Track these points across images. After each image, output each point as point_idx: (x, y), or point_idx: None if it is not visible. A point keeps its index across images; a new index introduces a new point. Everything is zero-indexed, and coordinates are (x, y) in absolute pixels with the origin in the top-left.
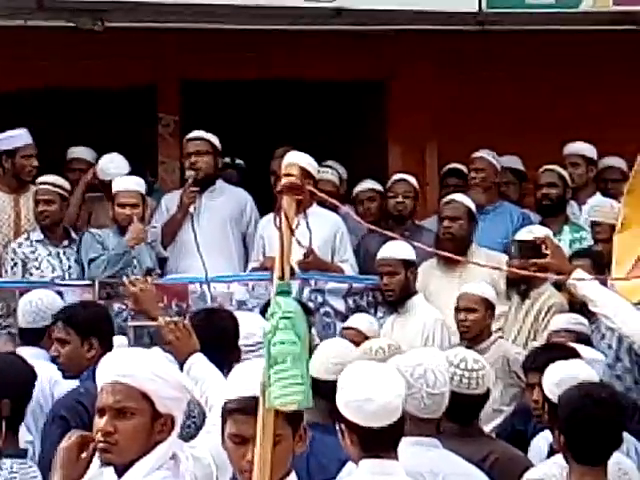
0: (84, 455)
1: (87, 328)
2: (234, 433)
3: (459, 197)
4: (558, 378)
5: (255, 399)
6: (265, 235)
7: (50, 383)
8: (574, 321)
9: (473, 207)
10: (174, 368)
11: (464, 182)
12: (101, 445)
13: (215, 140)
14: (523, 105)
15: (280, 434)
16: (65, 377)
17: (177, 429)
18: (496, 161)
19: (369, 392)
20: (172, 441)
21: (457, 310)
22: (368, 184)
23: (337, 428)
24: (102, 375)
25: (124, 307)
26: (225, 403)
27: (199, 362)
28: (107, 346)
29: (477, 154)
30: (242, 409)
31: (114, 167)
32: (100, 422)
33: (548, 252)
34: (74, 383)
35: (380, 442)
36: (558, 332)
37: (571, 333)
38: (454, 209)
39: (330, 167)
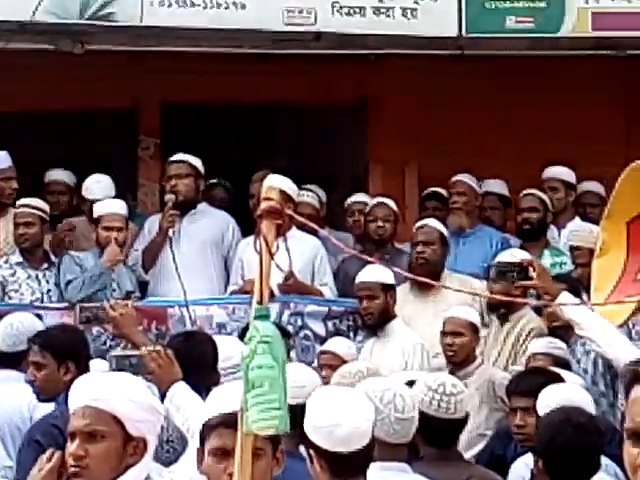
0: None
1: (63, 352)
2: (216, 446)
3: (432, 222)
4: (555, 402)
5: (236, 414)
6: (244, 258)
7: (29, 407)
8: (552, 345)
9: (446, 232)
10: (146, 391)
11: (443, 205)
12: (72, 469)
13: (197, 163)
14: (503, 129)
15: (261, 448)
16: (40, 400)
17: (150, 452)
18: (476, 184)
19: (338, 417)
20: (144, 464)
21: (443, 334)
22: (359, 197)
23: (305, 454)
24: (74, 399)
25: (103, 331)
26: (206, 422)
27: (181, 391)
28: (84, 370)
29: (457, 177)
30: (224, 422)
31: (100, 188)
32: (71, 446)
33: (534, 274)
34: (52, 407)
35: (349, 467)
36: (537, 355)
37: (550, 357)
38: (427, 234)
39: (310, 190)
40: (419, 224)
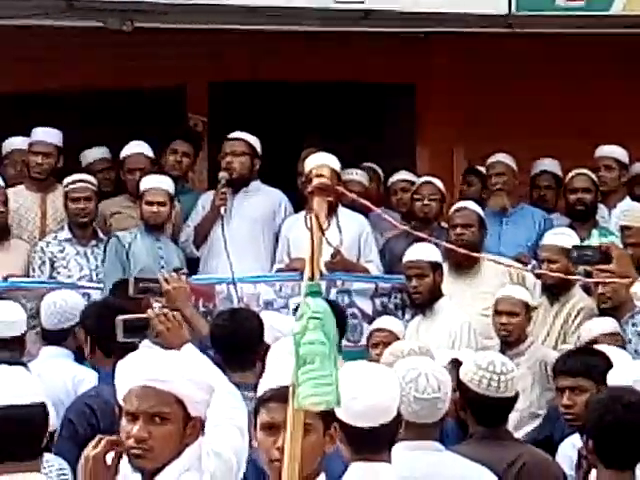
0: (110, 461)
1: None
2: (265, 421)
3: (470, 204)
4: (632, 380)
5: (287, 388)
6: (290, 236)
7: (73, 381)
8: (615, 325)
9: (482, 214)
10: (201, 369)
11: (482, 183)
12: (135, 451)
13: (255, 142)
14: (553, 107)
15: (310, 423)
16: None
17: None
18: (513, 163)
19: (357, 391)
20: (199, 442)
21: (497, 313)
22: (402, 175)
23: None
24: (129, 377)
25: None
26: (258, 398)
27: (191, 352)
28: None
29: (495, 158)
30: (274, 397)
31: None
32: (133, 428)
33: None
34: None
35: (369, 443)
36: (606, 335)
37: (616, 336)
38: (465, 216)
39: (361, 168)
40: (456, 206)
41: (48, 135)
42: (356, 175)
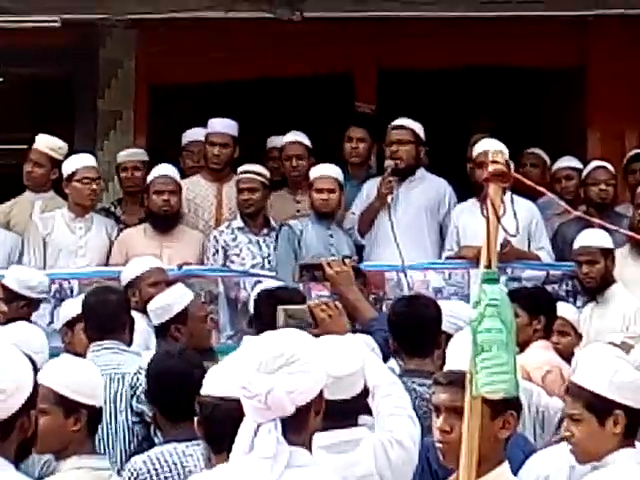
0: None
1: None
2: (433, 402)
3: None
4: None
5: (451, 371)
6: (459, 224)
7: None
8: None
9: None
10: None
11: None
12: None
13: (418, 129)
14: None
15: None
16: None
17: None
18: None
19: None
20: None
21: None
22: (566, 162)
23: None
24: None
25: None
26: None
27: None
28: None
29: None
30: (437, 380)
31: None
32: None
33: None
34: None
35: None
36: None
37: None
38: None
39: (532, 154)
40: None
41: (225, 126)
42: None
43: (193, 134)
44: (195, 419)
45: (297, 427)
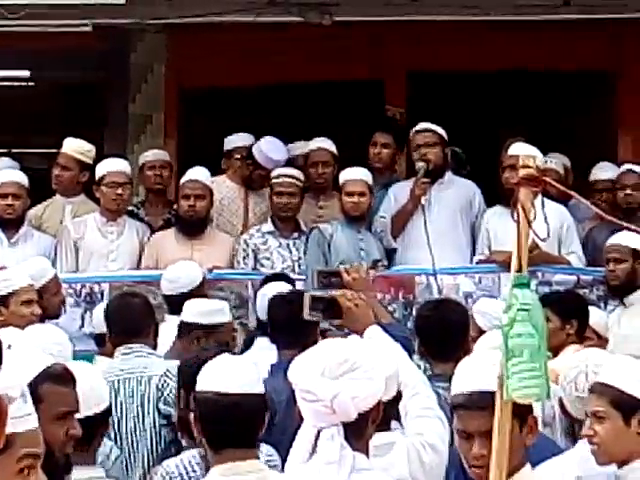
0: None
1: None
2: (458, 428)
3: None
4: None
5: (479, 394)
6: (490, 228)
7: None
8: None
9: None
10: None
11: None
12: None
13: (442, 132)
14: None
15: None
16: None
17: None
18: None
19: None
20: None
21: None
22: (603, 173)
23: None
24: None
25: None
26: (452, 399)
27: (378, 334)
28: None
29: None
30: (464, 404)
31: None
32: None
33: None
34: None
35: None
36: None
37: None
38: None
39: (554, 157)
40: None
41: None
42: (551, 163)
43: (236, 140)
44: (191, 415)
45: (357, 433)
